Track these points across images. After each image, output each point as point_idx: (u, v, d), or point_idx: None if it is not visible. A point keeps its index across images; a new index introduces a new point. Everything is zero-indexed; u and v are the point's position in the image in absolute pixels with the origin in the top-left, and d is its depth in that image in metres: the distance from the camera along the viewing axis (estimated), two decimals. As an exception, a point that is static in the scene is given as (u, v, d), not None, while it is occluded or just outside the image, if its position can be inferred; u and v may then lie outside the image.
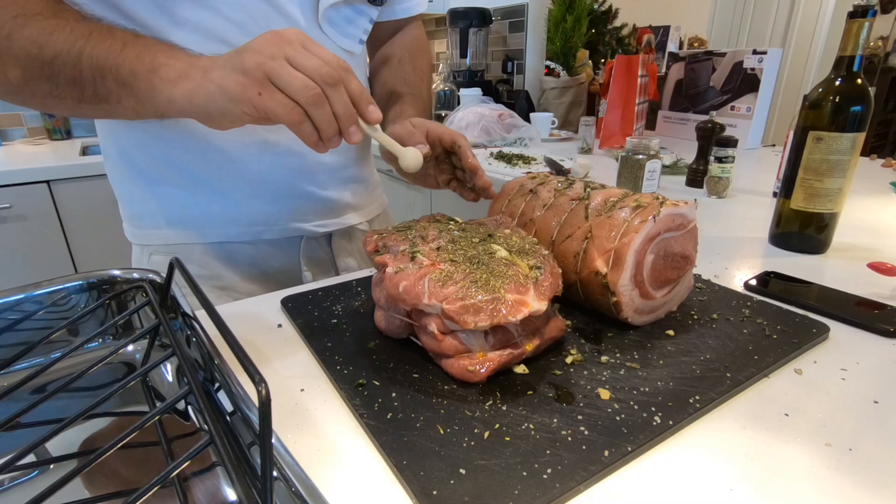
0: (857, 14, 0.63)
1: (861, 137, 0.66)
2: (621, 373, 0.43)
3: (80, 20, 0.48)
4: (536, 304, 0.41)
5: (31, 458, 0.33)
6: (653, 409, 0.38)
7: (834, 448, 0.35)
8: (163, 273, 0.46)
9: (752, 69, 1.58)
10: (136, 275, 0.49)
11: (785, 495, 0.32)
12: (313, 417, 0.39)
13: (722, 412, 0.39)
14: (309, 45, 0.43)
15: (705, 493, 0.32)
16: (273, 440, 0.26)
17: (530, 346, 0.43)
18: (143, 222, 0.69)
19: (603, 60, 2.13)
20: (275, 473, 0.27)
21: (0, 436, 0.39)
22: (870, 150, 1.33)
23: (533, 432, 0.36)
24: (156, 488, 0.26)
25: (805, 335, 0.48)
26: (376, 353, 0.46)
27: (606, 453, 0.34)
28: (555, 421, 0.37)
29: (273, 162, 0.66)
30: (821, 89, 0.67)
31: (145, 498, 0.25)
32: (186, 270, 0.39)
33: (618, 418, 0.37)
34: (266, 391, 0.24)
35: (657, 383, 0.41)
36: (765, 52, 1.54)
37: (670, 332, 0.49)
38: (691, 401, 0.39)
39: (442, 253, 0.45)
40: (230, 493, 0.37)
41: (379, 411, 0.38)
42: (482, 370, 0.40)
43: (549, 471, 0.32)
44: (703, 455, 0.35)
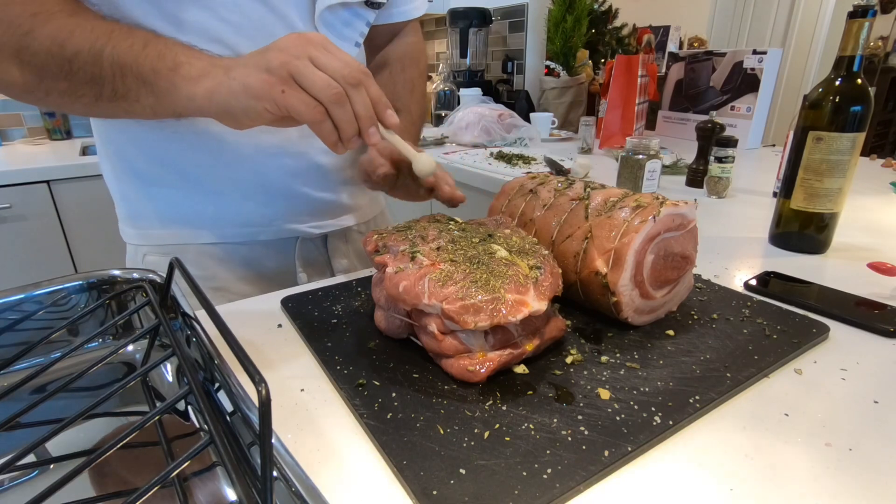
0: (857, 14, 0.63)
1: (861, 137, 0.66)
2: (621, 373, 0.43)
3: (100, 19, 0.48)
4: (536, 304, 0.41)
5: (31, 458, 0.33)
6: (653, 409, 0.38)
7: (834, 448, 0.35)
8: (161, 273, 0.46)
9: (752, 69, 1.58)
10: (136, 275, 0.49)
11: (785, 495, 0.32)
12: (313, 417, 0.39)
13: (722, 412, 0.39)
14: (331, 48, 0.44)
15: (705, 493, 0.32)
16: (273, 440, 0.26)
17: (530, 346, 0.43)
18: (138, 222, 0.69)
19: (603, 60, 2.13)
20: (275, 473, 0.27)
21: (0, 436, 0.39)
22: (870, 150, 1.33)
23: (533, 432, 0.36)
24: (156, 488, 0.26)
25: (805, 335, 0.48)
26: (376, 353, 0.46)
27: (606, 453, 0.34)
28: (555, 421, 0.37)
29: (268, 163, 0.66)
30: (821, 89, 0.67)
31: (145, 498, 0.25)
32: (186, 270, 0.39)
33: (618, 418, 0.37)
34: (266, 391, 0.24)
35: (657, 383, 0.41)
36: (765, 52, 1.54)
37: (670, 332, 0.49)
38: (691, 401, 0.39)
39: (442, 253, 0.45)
40: (230, 493, 0.37)
41: (379, 411, 0.38)
42: (482, 370, 0.40)
43: (549, 471, 0.32)
44: (704, 455, 0.35)
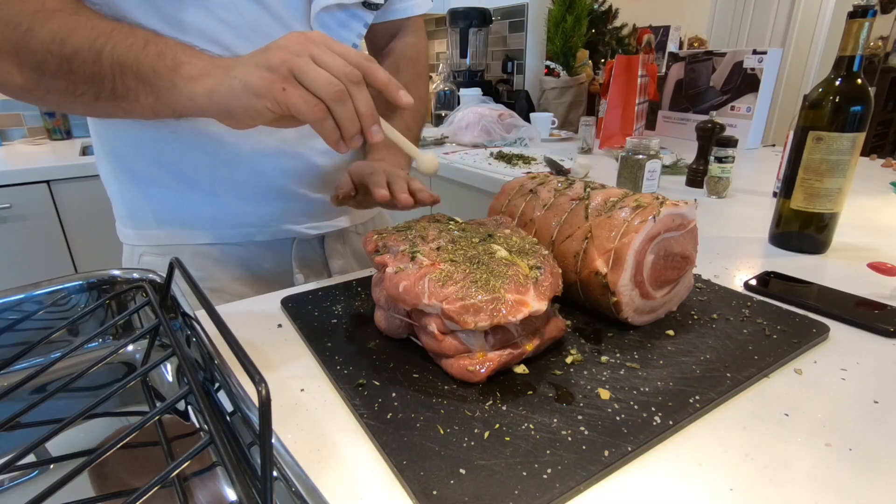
0: (857, 14, 0.63)
1: (861, 137, 0.66)
2: (621, 373, 0.43)
3: (101, 18, 0.48)
4: (536, 304, 0.41)
5: (31, 458, 0.33)
6: (653, 409, 0.38)
7: (834, 448, 0.36)
8: (160, 273, 0.46)
9: (752, 69, 1.58)
10: (136, 275, 0.49)
11: (785, 495, 0.32)
12: (313, 417, 0.39)
13: (722, 412, 0.39)
14: (333, 45, 0.44)
15: (705, 492, 0.32)
16: (273, 440, 0.26)
17: (530, 346, 0.43)
18: (134, 222, 0.69)
19: (603, 60, 2.13)
20: (275, 473, 0.27)
21: (0, 436, 0.39)
22: (870, 150, 1.33)
23: (533, 432, 0.36)
24: (156, 488, 0.26)
25: (805, 335, 0.48)
26: (376, 353, 0.46)
27: (606, 453, 0.34)
28: (555, 421, 0.37)
29: (265, 164, 0.66)
30: (821, 89, 0.67)
31: (145, 498, 0.25)
32: (186, 270, 0.39)
33: (618, 418, 0.37)
34: (266, 391, 0.24)
35: (657, 383, 0.41)
36: (765, 52, 1.54)
37: (670, 332, 0.49)
38: (691, 401, 0.39)
39: (442, 253, 0.45)
40: (230, 493, 0.37)
41: (379, 411, 0.38)
42: (482, 370, 0.40)
43: (549, 471, 0.32)
44: (704, 455, 0.35)
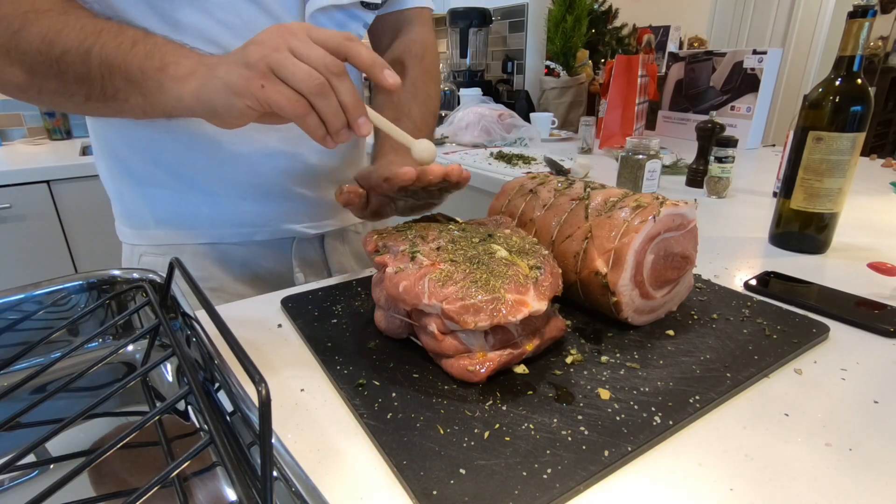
0: (857, 14, 0.63)
1: (861, 137, 0.66)
2: (621, 373, 0.43)
3: (91, 17, 0.48)
4: (536, 304, 0.41)
5: (31, 458, 0.33)
6: (653, 409, 0.38)
7: (834, 448, 0.36)
8: (160, 273, 0.46)
9: (752, 69, 1.58)
10: (136, 275, 0.49)
11: (785, 495, 0.32)
12: (313, 417, 0.39)
13: (722, 412, 0.39)
14: (315, 34, 0.42)
15: (705, 492, 0.32)
16: (273, 440, 0.26)
17: (530, 347, 0.43)
18: (133, 222, 0.69)
19: (603, 60, 2.13)
20: (275, 473, 0.27)
21: (0, 436, 0.39)
22: (870, 150, 1.33)
23: (533, 432, 0.36)
24: (156, 488, 0.26)
25: (805, 335, 0.48)
26: (376, 353, 0.46)
27: (606, 453, 0.34)
28: (555, 421, 0.37)
29: (263, 163, 0.66)
30: (821, 89, 0.67)
31: (145, 498, 0.25)
32: (186, 270, 0.39)
33: (618, 418, 0.37)
34: (266, 391, 0.24)
35: (657, 383, 0.41)
36: (765, 52, 1.54)
37: (670, 332, 0.49)
38: (691, 401, 0.39)
39: (442, 253, 0.45)
40: (230, 493, 0.37)
41: (379, 411, 0.38)
42: (482, 370, 0.40)
43: (549, 471, 0.32)
44: (704, 455, 0.35)
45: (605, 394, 0.40)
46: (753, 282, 0.61)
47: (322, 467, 0.34)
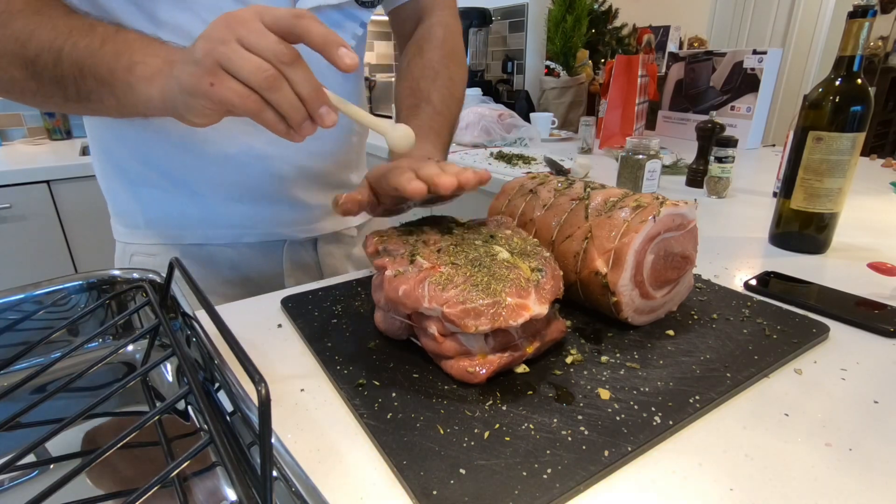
0: (857, 14, 0.63)
1: (861, 137, 0.66)
2: (621, 373, 0.43)
3: (64, 16, 0.46)
4: (537, 307, 0.41)
5: (31, 458, 0.33)
6: (653, 409, 0.38)
7: (834, 448, 0.36)
8: (160, 273, 0.46)
9: (752, 69, 1.58)
10: (136, 275, 0.49)
11: (785, 495, 0.32)
12: (313, 417, 0.39)
13: (722, 412, 0.39)
14: (266, 17, 0.37)
15: (705, 493, 0.32)
16: (273, 440, 0.26)
17: (530, 349, 0.43)
18: (126, 221, 0.69)
19: (603, 60, 2.13)
20: (275, 473, 0.27)
21: (0, 436, 0.39)
22: (870, 150, 1.33)
23: (533, 432, 0.36)
24: (156, 488, 0.26)
25: (805, 335, 0.48)
26: (376, 353, 0.46)
27: (606, 453, 0.34)
28: (555, 421, 0.37)
29: (251, 165, 0.64)
30: (821, 89, 0.67)
31: (145, 498, 0.25)
32: (186, 270, 0.39)
33: (618, 418, 0.37)
34: (266, 391, 0.24)
35: (657, 383, 0.41)
36: (765, 52, 1.54)
37: (670, 332, 0.49)
38: (691, 401, 0.39)
39: (443, 255, 0.45)
40: (230, 493, 0.37)
41: (379, 411, 0.38)
42: (482, 372, 0.40)
43: (549, 471, 0.32)
44: (704, 455, 0.35)
45: (605, 394, 0.40)
46: (753, 282, 0.61)
47: (322, 467, 0.34)
